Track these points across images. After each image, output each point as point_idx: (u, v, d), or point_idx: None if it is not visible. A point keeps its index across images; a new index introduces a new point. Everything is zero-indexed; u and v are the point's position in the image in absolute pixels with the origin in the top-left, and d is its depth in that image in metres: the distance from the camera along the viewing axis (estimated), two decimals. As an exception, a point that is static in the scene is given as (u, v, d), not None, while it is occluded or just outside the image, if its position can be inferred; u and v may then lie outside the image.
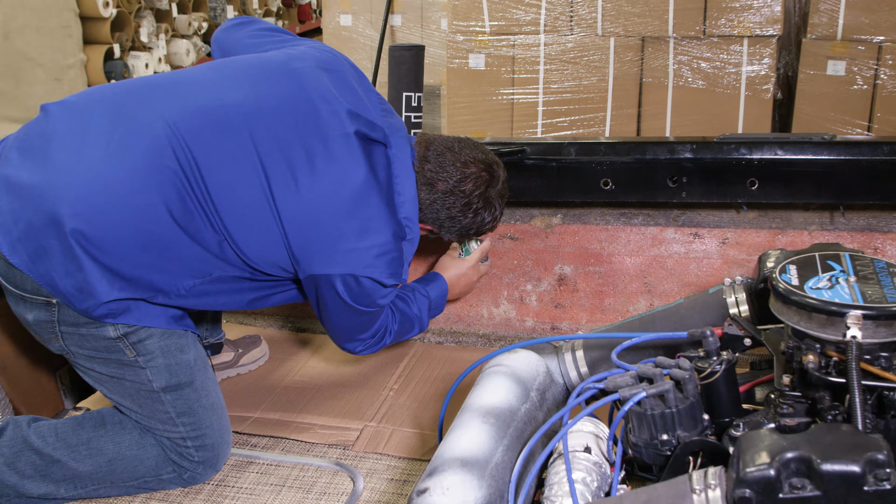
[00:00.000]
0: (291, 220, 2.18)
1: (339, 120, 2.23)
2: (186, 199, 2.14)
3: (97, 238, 2.09)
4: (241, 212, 2.17)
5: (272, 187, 2.16)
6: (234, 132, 2.17)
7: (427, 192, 2.40)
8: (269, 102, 2.23)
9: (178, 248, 2.17)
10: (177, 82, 2.28)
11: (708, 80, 4.47)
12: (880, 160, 2.66)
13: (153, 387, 2.28)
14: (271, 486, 2.40)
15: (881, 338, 1.49)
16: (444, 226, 2.47)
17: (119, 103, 2.22)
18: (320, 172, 2.19)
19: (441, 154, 2.40)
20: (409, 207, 2.34)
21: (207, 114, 2.19)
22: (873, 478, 1.16)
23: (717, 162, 2.74)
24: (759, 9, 4.30)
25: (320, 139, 2.21)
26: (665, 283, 3.04)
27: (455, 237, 2.55)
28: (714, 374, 1.65)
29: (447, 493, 1.56)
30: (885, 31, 4.27)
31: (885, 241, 2.91)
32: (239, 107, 2.21)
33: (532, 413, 1.92)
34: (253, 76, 2.29)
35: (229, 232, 2.18)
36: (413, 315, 2.58)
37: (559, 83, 4.67)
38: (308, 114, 2.23)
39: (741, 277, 2.10)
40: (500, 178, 2.47)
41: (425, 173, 2.39)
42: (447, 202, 2.40)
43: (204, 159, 2.14)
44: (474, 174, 2.40)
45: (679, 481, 1.32)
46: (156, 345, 2.26)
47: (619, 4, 4.47)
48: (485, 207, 2.44)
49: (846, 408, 1.47)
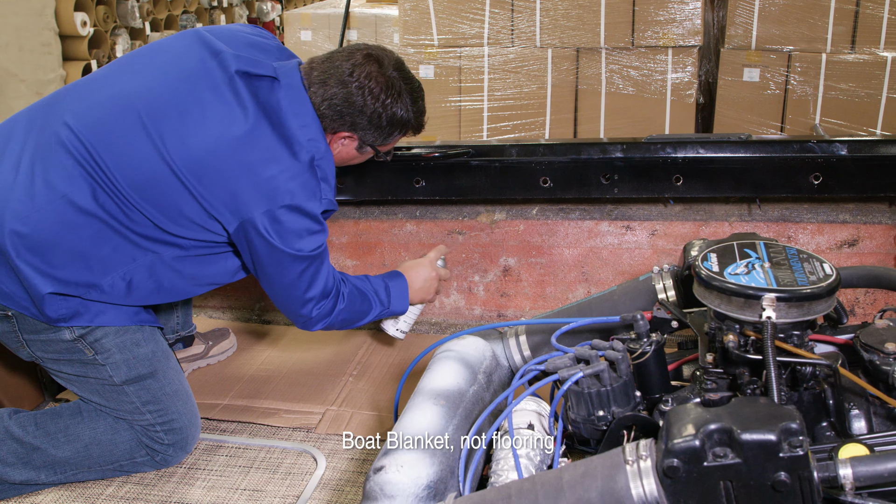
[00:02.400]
0: (193, 172, 2.07)
1: (223, 67, 2.13)
2: (98, 191, 2.08)
3: (35, 246, 2.07)
4: (149, 184, 2.08)
5: (168, 149, 2.07)
6: (125, 113, 2.10)
7: (322, 91, 2.18)
8: (158, 74, 2.15)
9: (101, 243, 2.12)
10: (82, 84, 2.23)
11: (637, 86, 4.49)
12: (791, 157, 2.69)
13: (115, 381, 2.25)
14: (240, 468, 2.38)
15: (793, 318, 1.50)
16: (356, 123, 2.22)
17: (33, 116, 2.18)
18: (208, 119, 2.08)
19: (326, 59, 2.23)
20: (311, 128, 2.16)
21: (101, 105, 2.13)
22: (788, 445, 1.16)
23: (646, 161, 2.75)
24: (681, 22, 4.33)
25: (207, 88, 2.11)
26: (600, 271, 3.05)
27: (373, 136, 2.27)
28: (645, 355, 1.66)
29: (401, 469, 1.55)
30: (794, 42, 4.31)
31: (797, 230, 2.94)
32: (130, 90, 2.13)
33: (479, 394, 1.91)
34: (143, 60, 2.23)
35: (145, 208, 2.11)
36: (369, 290, 2.42)
37: (502, 91, 4.66)
38: (193, 71, 2.14)
39: (668, 265, 2.10)
40: (389, 60, 2.23)
41: (315, 78, 2.20)
42: (343, 92, 2.18)
43: (103, 147, 2.07)
44: (360, 59, 2.20)
45: (613, 453, 1.32)
46: (111, 342, 2.23)
47: (555, 18, 4.47)
48: (386, 90, 2.20)
49: (763, 382, 1.48)
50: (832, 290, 1.53)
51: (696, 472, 1.21)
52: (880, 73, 4.23)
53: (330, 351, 3.00)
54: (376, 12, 6.13)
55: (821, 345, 1.66)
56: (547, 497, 1.31)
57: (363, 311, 2.40)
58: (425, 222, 3.11)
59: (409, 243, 3.13)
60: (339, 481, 2.30)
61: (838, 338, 1.64)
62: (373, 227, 3.16)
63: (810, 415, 1.50)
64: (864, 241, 2.92)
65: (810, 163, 2.67)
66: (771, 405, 1.25)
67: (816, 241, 2.94)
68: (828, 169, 2.67)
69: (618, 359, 1.60)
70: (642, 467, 1.26)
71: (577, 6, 4.44)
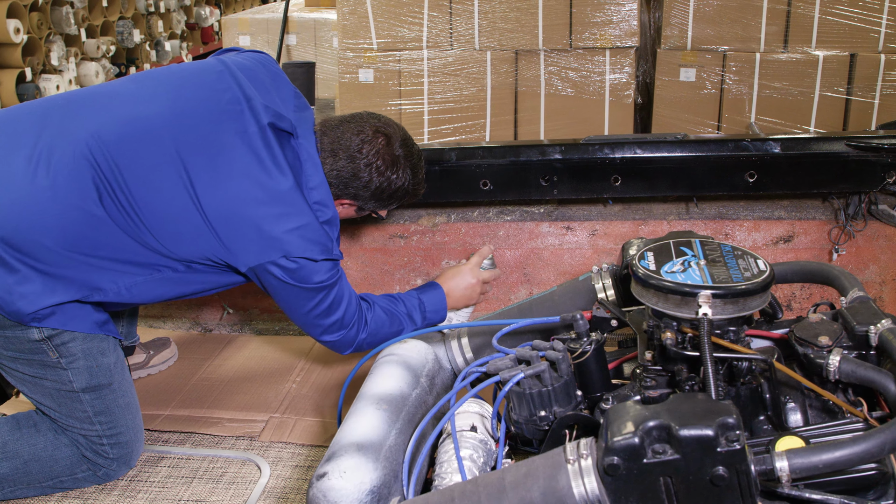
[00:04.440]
0: (217, 216, 2.11)
1: (256, 116, 2.16)
2: (110, 202, 2.08)
3: (24, 245, 2.05)
4: (168, 216, 2.10)
5: (195, 187, 2.09)
6: (155, 140, 2.10)
7: (332, 162, 2.26)
8: (188, 106, 2.16)
9: (115, 247, 2.12)
10: (100, 95, 2.22)
11: (576, 87, 4.53)
12: (726, 156, 2.72)
13: (73, 387, 2.22)
14: (182, 479, 2.35)
15: (729, 314, 1.53)
16: (359, 195, 2.31)
17: (45, 116, 2.15)
18: (238, 168, 2.12)
19: (337, 126, 2.29)
20: (320, 191, 2.22)
21: (130, 123, 2.12)
22: (725, 440, 1.18)
23: (584, 161, 2.77)
24: (618, 23, 4.37)
25: (238, 132, 2.14)
26: (542, 272, 3.07)
27: (374, 205, 2.37)
28: (585, 354, 1.67)
29: (344, 475, 1.55)
30: (729, 42, 4.38)
31: (734, 227, 2.98)
32: (159, 115, 2.14)
33: (422, 397, 1.91)
34: (170, 84, 2.23)
35: (157, 237, 2.12)
36: (399, 312, 2.42)
37: (442, 94, 4.67)
38: (226, 112, 2.16)
39: (607, 265, 2.12)
40: (397, 136, 2.31)
41: (326, 145, 2.27)
42: (351, 167, 2.26)
43: (128, 168, 2.08)
44: (369, 134, 2.27)
45: (555, 453, 1.33)
46: (78, 347, 2.20)
47: (494, 21, 4.49)
48: (391, 167, 2.29)
49: (701, 378, 1.50)
50: (766, 285, 1.56)
51: (635, 469, 1.21)
52: (812, 71, 4.31)
53: (273, 358, 2.98)
54: (315, 17, 6.11)
55: (757, 340, 1.69)
56: (489, 498, 1.31)
57: (393, 332, 2.40)
58: (366, 226, 3.10)
59: (351, 248, 3.12)
60: (284, 489, 2.28)
61: (774, 332, 1.67)
62: (314, 233, 3.14)
63: (747, 409, 1.52)
64: (799, 236, 2.98)
65: (745, 161, 2.71)
66: (708, 401, 1.26)
67: (753, 237, 2.99)
68: (762, 167, 2.71)
69: (558, 359, 1.61)
70: (583, 466, 1.27)
71: (515, 9, 4.46)
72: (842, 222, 2.92)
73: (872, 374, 1.42)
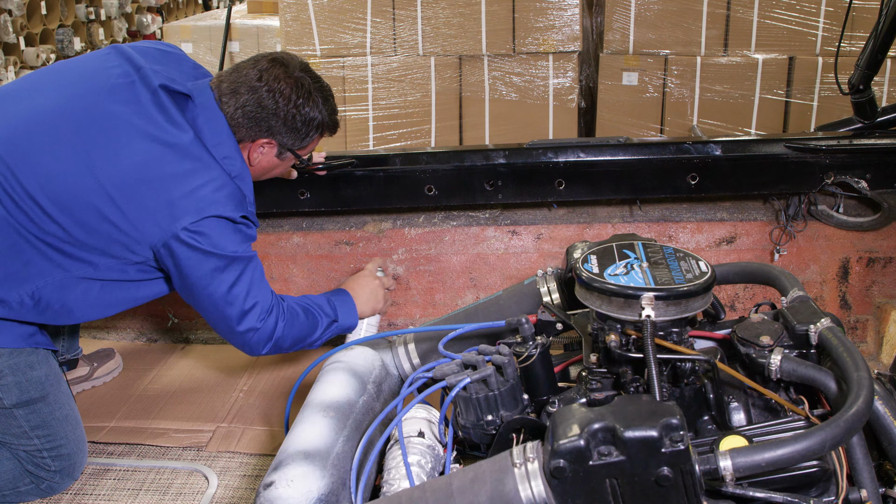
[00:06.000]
0: (120, 185, 2.04)
1: (146, 82, 2.13)
2: (7, 201, 2.03)
3: None
4: (70, 195, 2.04)
5: (94, 163, 2.04)
6: (49, 128, 2.07)
7: (234, 101, 2.18)
8: (78, 89, 2.13)
9: (13, 256, 2.07)
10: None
11: (520, 92, 4.55)
12: (668, 158, 2.75)
13: (4, 403, 2.17)
14: (129, 491, 2.31)
15: (672, 315, 1.54)
16: (272, 127, 2.21)
17: None
18: (134, 133, 2.07)
19: (233, 70, 2.23)
20: (226, 146, 2.17)
21: (19, 118, 2.10)
22: (669, 440, 1.19)
23: (528, 166, 2.78)
24: (560, 28, 4.40)
25: (131, 101, 2.10)
26: (488, 277, 3.07)
27: (291, 140, 2.25)
28: (531, 358, 1.67)
29: (291, 484, 1.54)
30: (670, 46, 4.43)
31: (678, 230, 3.02)
32: (49, 103, 2.11)
33: (370, 404, 1.90)
34: (58, 73, 2.21)
35: (61, 219, 2.05)
36: (310, 305, 2.34)
37: (387, 100, 4.66)
38: (115, 87, 2.13)
39: (552, 269, 2.13)
40: (295, 63, 2.23)
41: (225, 90, 2.20)
42: (255, 97, 2.17)
43: (19, 158, 2.04)
44: (266, 64, 2.20)
45: (501, 457, 1.33)
46: (4, 363, 2.15)
47: (437, 27, 4.49)
48: (295, 90, 2.19)
49: (645, 380, 1.51)
50: (708, 286, 1.57)
51: (582, 471, 1.22)
52: (752, 74, 4.38)
53: (220, 367, 2.94)
54: (258, 23, 6.06)
55: (700, 340, 1.71)
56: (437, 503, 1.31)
57: (310, 324, 2.31)
58: (312, 234, 3.08)
59: (297, 255, 3.10)
60: (232, 499, 2.26)
61: (716, 333, 1.69)
62: (259, 241, 3.11)
63: (692, 409, 1.54)
64: (742, 237, 3.02)
65: (687, 163, 2.74)
66: (652, 402, 1.27)
67: (696, 239, 3.03)
68: (704, 169, 2.75)
69: (504, 363, 1.61)
70: (530, 469, 1.27)
71: (458, 14, 4.47)
72: (783, 223, 2.96)
73: (813, 373, 1.45)
